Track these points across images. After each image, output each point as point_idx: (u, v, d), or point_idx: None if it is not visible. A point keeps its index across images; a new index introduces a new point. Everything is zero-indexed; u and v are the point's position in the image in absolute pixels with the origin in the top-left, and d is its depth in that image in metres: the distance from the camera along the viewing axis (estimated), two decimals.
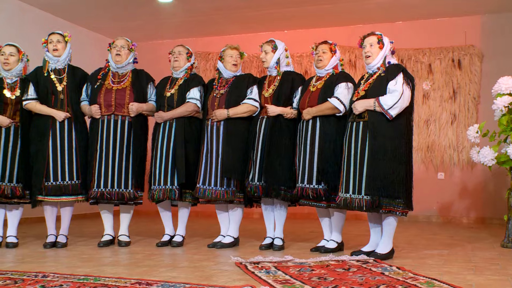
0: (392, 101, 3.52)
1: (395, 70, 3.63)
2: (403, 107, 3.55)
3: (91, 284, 2.70)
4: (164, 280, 2.79)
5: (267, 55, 4.16)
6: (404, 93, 3.54)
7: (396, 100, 3.52)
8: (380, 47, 3.73)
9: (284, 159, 3.98)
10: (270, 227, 4.24)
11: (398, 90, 3.53)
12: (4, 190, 4.11)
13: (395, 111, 3.53)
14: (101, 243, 4.28)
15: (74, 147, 4.23)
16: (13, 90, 4.26)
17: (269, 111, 4.03)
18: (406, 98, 3.56)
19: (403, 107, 3.56)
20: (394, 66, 3.68)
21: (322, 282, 2.73)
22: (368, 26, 7.38)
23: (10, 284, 2.72)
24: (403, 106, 3.55)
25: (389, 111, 3.53)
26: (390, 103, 3.52)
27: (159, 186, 4.21)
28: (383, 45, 3.73)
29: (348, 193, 3.64)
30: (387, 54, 3.74)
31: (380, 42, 3.73)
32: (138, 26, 7.51)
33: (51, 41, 4.29)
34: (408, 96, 3.58)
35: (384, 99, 3.54)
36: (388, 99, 3.54)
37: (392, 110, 3.52)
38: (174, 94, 4.29)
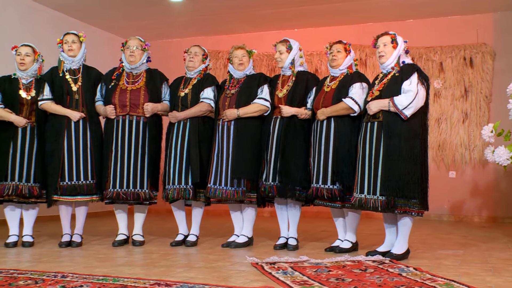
0: (407, 101, 3.52)
1: (410, 70, 3.62)
2: (417, 107, 3.55)
3: (110, 285, 2.71)
4: (183, 281, 2.81)
5: (281, 55, 4.15)
6: (419, 93, 3.53)
7: (411, 100, 3.51)
8: (393, 46, 3.72)
9: (299, 160, 3.99)
10: (284, 227, 4.25)
11: (413, 90, 3.53)
12: (22, 190, 4.14)
13: (410, 111, 3.52)
14: (116, 243, 4.30)
15: (89, 147, 4.25)
16: (28, 90, 4.28)
17: (283, 111, 4.02)
18: (421, 98, 3.55)
19: (418, 107, 3.55)
20: (408, 66, 3.66)
21: (340, 283, 2.74)
22: (378, 24, 7.36)
23: (31, 284, 2.75)
24: (417, 106, 3.54)
25: (404, 111, 3.52)
26: (405, 103, 3.52)
27: (173, 185, 4.23)
28: (396, 45, 3.72)
29: (363, 193, 3.64)
30: (401, 54, 3.73)
31: (394, 42, 3.72)
32: (148, 25, 7.52)
33: (66, 41, 4.30)
34: (423, 96, 3.57)
35: (398, 99, 3.54)
36: (402, 99, 3.53)
37: (406, 110, 3.52)
38: (188, 94, 4.30)
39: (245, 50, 4.32)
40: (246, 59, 4.29)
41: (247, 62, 4.30)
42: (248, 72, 4.31)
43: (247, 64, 4.29)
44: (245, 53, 4.30)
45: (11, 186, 4.13)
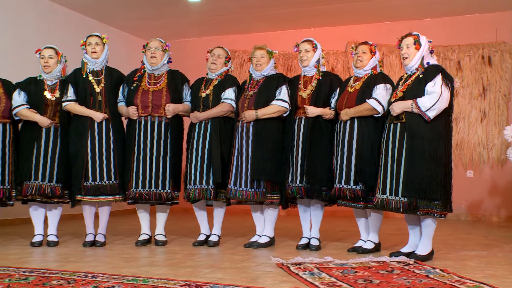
0: (430, 103, 3.51)
1: (434, 71, 3.61)
2: (441, 108, 3.54)
3: (141, 285, 2.75)
4: (212, 282, 2.84)
5: (307, 53, 4.14)
6: (443, 94, 3.53)
7: (434, 102, 3.50)
8: (416, 47, 3.72)
9: (324, 160, 4.00)
10: (306, 227, 4.27)
11: (436, 91, 3.52)
12: (45, 189, 4.19)
13: (433, 113, 3.52)
14: (139, 242, 4.34)
15: (112, 147, 4.29)
16: (53, 91, 4.33)
17: (309, 112, 4.03)
18: (444, 99, 3.54)
19: (441, 109, 3.54)
20: (433, 67, 3.66)
21: (369, 285, 2.75)
22: (396, 23, 7.36)
23: (64, 284, 2.79)
24: (441, 107, 3.54)
25: (427, 113, 3.52)
26: (428, 105, 3.52)
27: (195, 185, 4.25)
28: (419, 46, 3.71)
29: (385, 194, 3.65)
30: (424, 55, 3.72)
31: (417, 43, 3.72)
32: (165, 24, 7.56)
33: (89, 43, 4.34)
34: (447, 98, 3.55)
35: (422, 101, 3.54)
36: (426, 101, 3.53)
37: (430, 112, 3.52)
38: (210, 94, 4.32)
39: (265, 51, 4.31)
40: (265, 60, 4.29)
41: (266, 63, 4.29)
42: (267, 72, 4.31)
43: (265, 65, 4.29)
44: (264, 54, 4.30)
45: (35, 186, 4.18)
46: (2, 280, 2.88)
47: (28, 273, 3.10)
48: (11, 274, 3.06)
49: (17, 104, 4.24)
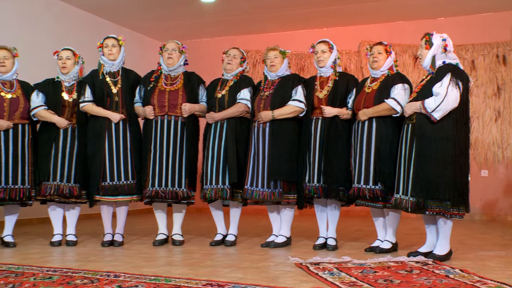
0: (435, 104, 3.52)
1: (444, 71, 3.61)
2: (447, 109, 3.53)
3: (163, 285, 2.78)
4: (234, 281, 2.86)
5: (324, 54, 4.16)
6: (449, 95, 3.52)
7: (439, 103, 3.51)
8: (426, 47, 3.74)
9: (342, 160, 4.02)
10: (323, 227, 4.28)
11: (441, 92, 3.52)
12: (63, 190, 4.24)
13: (439, 113, 3.53)
14: (156, 242, 4.38)
15: (129, 147, 4.33)
16: (70, 92, 4.38)
17: (326, 112, 4.05)
18: (451, 100, 3.52)
19: (447, 109, 3.53)
20: (444, 67, 3.65)
21: (389, 285, 2.76)
22: (408, 22, 7.35)
23: (88, 283, 2.83)
24: (447, 108, 3.53)
25: (433, 114, 3.53)
26: (433, 106, 3.53)
27: (211, 185, 4.28)
28: (430, 46, 3.72)
29: (399, 193, 3.69)
30: (436, 54, 3.71)
31: (427, 43, 3.74)
32: (178, 25, 7.60)
33: (106, 45, 4.38)
34: (453, 98, 3.53)
35: (428, 102, 3.56)
36: (431, 102, 3.55)
37: (435, 112, 3.53)
38: (225, 95, 4.35)
39: (278, 51, 4.33)
40: (279, 60, 4.30)
41: (280, 64, 4.31)
42: (281, 73, 4.32)
43: (279, 65, 4.30)
44: (278, 54, 4.32)
45: (53, 186, 4.23)
46: (27, 279, 2.93)
47: (51, 272, 3.15)
48: (35, 273, 3.11)
49: (36, 105, 4.29)
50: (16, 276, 3.02)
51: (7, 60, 4.26)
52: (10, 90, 4.27)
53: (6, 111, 4.19)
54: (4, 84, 4.28)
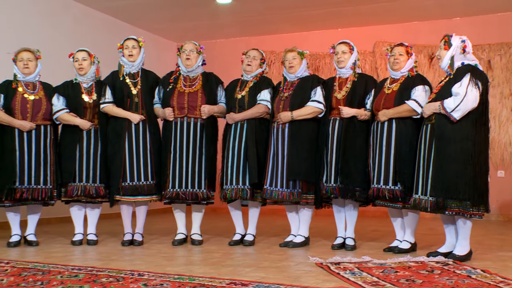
0: (454, 104, 3.54)
1: (463, 72, 3.62)
2: (466, 109, 3.54)
3: (188, 283, 2.82)
4: (257, 280, 2.89)
5: (344, 55, 4.18)
6: (468, 95, 3.53)
7: (458, 103, 3.52)
8: (445, 48, 3.75)
9: (359, 161, 4.04)
10: (341, 227, 4.30)
11: (461, 92, 3.54)
12: (90, 190, 4.31)
13: (458, 113, 3.54)
14: (176, 242, 4.42)
15: (149, 148, 4.38)
16: (90, 94, 4.43)
17: (344, 112, 4.07)
18: (470, 100, 3.54)
19: (467, 109, 3.54)
20: (463, 68, 3.66)
21: (412, 284, 2.78)
22: (424, 23, 7.34)
23: (113, 281, 2.87)
24: (466, 108, 3.54)
25: (452, 114, 3.54)
26: (452, 106, 3.54)
27: (231, 185, 4.32)
28: (448, 47, 3.74)
29: (417, 194, 3.70)
30: (454, 55, 3.72)
31: (446, 44, 3.75)
32: (193, 26, 7.65)
33: (126, 46, 4.43)
34: (473, 98, 3.54)
35: (447, 102, 3.57)
36: (450, 102, 3.56)
37: (454, 112, 3.54)
38: (245, 96, 4.38)
39: (296, 52, 4.35)
40: (297, 62, 4.33)
41: (298, 65, 4.33)
42: (300, 74, 4.35)
43: (298, 66, 4.33)
44: (296, 56, 4.34)
45: (80, 187, 4.30)
46: (54, 277, 2.98)
47: (76, 270, 3.20)
48: (61, 271, 3.17)
49: (58, 108, 4.35)
50: (43, 274, 3.07)
51: (30, 62, 4.33)
52: (33, 91, 4.34)
53: (29, 113, 4.26)
54: (28, 86, 4.35)
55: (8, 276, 3.02)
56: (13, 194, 4.18)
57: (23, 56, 4.33)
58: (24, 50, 4.36)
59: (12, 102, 4.25)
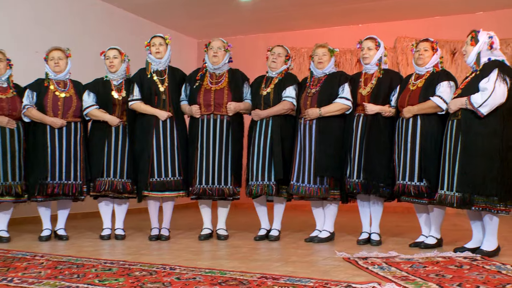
0: (481, 99, 3.53)
1: (490, 67, 3.62)
2: (494, 104, 3.53)
3: (219, 277, 2.87)
4: (288, 275, 2.94)
5: (370, 51, 4.20)
6: (496, 90, 3.52)
7: (486, 98, 3.52)
8: (472, 44, 3.74)
9: (383, 157, 4.06)
10: (366, 222, 4.33)
11: (489, 88, 3.53)
12: (117, 185, 4.40)
13: (486, 109, 3.53)
14: (202, 237, 4.49)
15: (176, 145, 4.45)
16: (119, 91, 4.51)
17: (368, 109, 4.09)
18: (498, 95, 3.53)
19: (494, 104, 3.53)
20: (490, 63, 3.66)
21: (442, 279, 2.80)
22: (446, 18, 7.29)
23: (146, 275, 2.95)
24: (494, 103, 3.53)
25: (480, 109, 3.54)
26: (480, 101, 3.53)
27: (257, 181, 4.36)
28: (475, 43, 3.73)
29: (443, 189, 3.71)
30: (481, 51, 3.72)
31: (473, 40, 3.74)
32: (214, 23, 7.70)
33: (153, 44, 4.50)
34: (501, 93, 3.53)
35: (474, 97, 3.56)
36: (478, 97, 3.55)
37: (482, 108, 3.53)
38: (271, 93, 4.42)
39: (327, 49, 4.37)
40: (326, 58, 4.35)
41: (327, 61, 4.35)
42: (328, 71, 4.37)
43: (327, 63, 4.35)
44: (326, 52, 4.36)
45: (107, 182, 4.39)
46: (89, 270, 3.06)
47: (109, 264, 3.28)
48: (94, 265, 3.25)
49: (88, 105, 4.44)
50: (77, 268, 3.16)
51: (61, 61, 4.43)
52: (64, 89, 4.44)
53: (61, 110, 4.36)
54: (59, 84, 4.45)
55: (45, 269, 3.11)
56: (45, 190, 4.29)
57: (54, 55, 4.42)
58: (54, 49, 4.45)
59: (44, 99, 4.35)
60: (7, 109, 4.30)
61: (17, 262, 3.35)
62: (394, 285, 2.64)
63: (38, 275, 2.95)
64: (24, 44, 5.75)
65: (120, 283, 2.73)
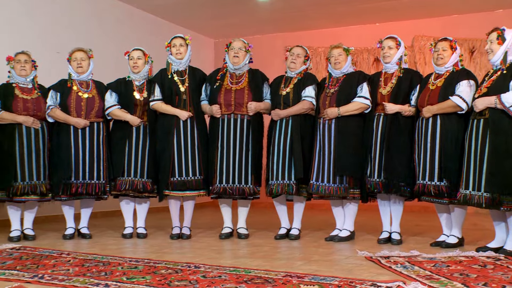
0: None
1: None
2: None
3: (244, 275, 2.90)
4: (312, 273, 2.96)
5: (390, 50, 4.20)
6: None
7: None
8: (499, 42, 3.71)
9: (403, 156, 4.07)
10: (387, 222, 4.34)
11: None
12: (137, 185, 4.45)
13: None
14: (223, 235, 4.53)
15: (197, 144, 4.49)
16: (141, 91, 4.57)
17: (387, 108, 4.10)
18: None
19: None
20: None
21: (466, 278, 2.80)
22: (464, 16, 7.25)
23: (172, 272, 2.99)
24: None
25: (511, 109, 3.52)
26: (511, 101, 3.51)
27: (277, 181, 4.39)
28: (502, 41, 3.70)
29: (468, 189, 3.69)
30: (508, 50, 3.69)
31: (500, 38, 3.71)
32: (231, 23, 7.76)
33: (174, 45, 4.54)
34: None
35: (505, 97, 3.53)
36: (509, 97, 3.52)
37: None
38: (290, 92, 4.44)
39: (342, 49, 4.39)
40: (343, 58, 4.36)
41: (344, 61, 4.36)
42: (346, 70, 4.39)
43: (343, 62, 4.36)
44: (341, 52, 4.38)
45: (128, 181, 4.45)
46: (115, 268, 3.12)
47: (134, 262, 3.33)
48: (120, 262, 3.30)
49: (110, 104, 4.50)
50: (104, 265, 3.21)
51: (83, 62, 4.49)
52: (87, 90, 4.50)
53: (84, 110, 4.42)
54: (81, 84, 4.52)
55: (73, 267, 3.17)
56: (69, 189, 4.36)
57: (77, 56, 4.49)
58: (77, 50, 4.52)
59: (68, 100, 4.42)
60: (32, 110, 4.39)
61: (45, 260, 3.42)
62: (419, 284, 2.65)
63: (66, 272, 3.01)
64: (46, 45, 5.84)
65: (148, 281, 2.78)
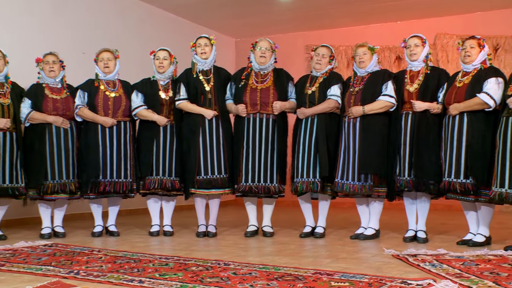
0: None
1: None
2: None
3: (274, 273, 2.94)
4: (341, 271, 2.98)
5: (417, 48, 4.20)
6: None
7: None
8: None
9: (432, 154, 4.07)
10: (412, 220, 4.34)
11: None
12: (166, 183, 4.52)
13: None
14: (248, 233, 4.57)
15: (222, 143, 4.54)
16: (166, 91, 4.63)
17: (416, 106, 4.10)
18: None
19: None
20: None
21: (497, 277, 2.80)
22: (488, 13, 7.19)
23: (203, 270, 3.03)
24: None
25: None
26: None
27: (302, 179, 4.42)
28: None
29: (504, 187, 3.66)
30: None
31: None
32: (252, 22, 7.79)
33: (199, 45, 4.59)
34: None
35: None
36: None
37: None
38: (315, 91, 4.46)
39: (366, 48, 4.40)
40: (367, 57, 4.37)
41: (369, 60, 4.37)
42: (371, 69, 4.39)
43: (368, 61, 4.37)
44: (366, 51, 4.39)
45: (157, 180, 4.51)
46: (147, 265, 3.17)
47: (164, 259, 3.39)
48: (151, 260, 3.36)
49: (136, 105, 4.57)
50: (135, 262, 3.27)
51: (110, 62, 4.57)
52: (114, 89, 4.58)
53: (111, 109, 4.50)
54: (108, 84, 4.59)
55: (105, 263, 3.24)
56: (97, 187, 4.44)
57: (104, 56, 4.57)
58: (104, 51, 4.59)
59: (95, 99, 4.50)
60: (62, 109, 4.47)
61: (77, 256, 3.49)
62: (450, 282, 2.65)
63: (100, 268, 3.08)
64: (72, 45, 5.94)
65: (180, 277, 2.83)
